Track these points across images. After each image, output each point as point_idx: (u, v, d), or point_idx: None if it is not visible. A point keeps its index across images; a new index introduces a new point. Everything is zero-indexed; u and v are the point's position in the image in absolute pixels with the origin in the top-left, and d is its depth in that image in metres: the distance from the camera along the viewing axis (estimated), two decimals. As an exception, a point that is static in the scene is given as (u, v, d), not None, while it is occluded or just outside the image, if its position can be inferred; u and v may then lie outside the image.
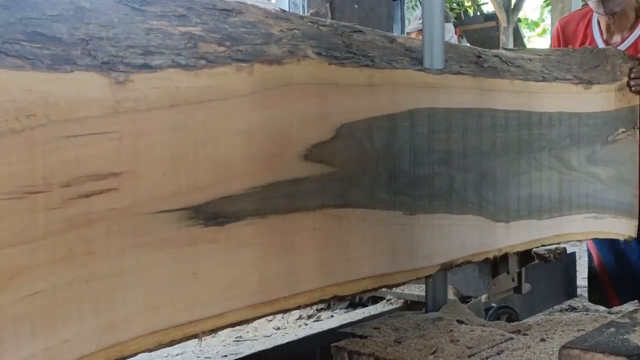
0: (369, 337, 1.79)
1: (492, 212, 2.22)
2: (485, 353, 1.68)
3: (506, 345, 1.74)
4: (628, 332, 1.35)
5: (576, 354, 1.27)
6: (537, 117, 2.41)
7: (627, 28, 3.17)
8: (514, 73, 2.35)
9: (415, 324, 1.91)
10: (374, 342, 1.76)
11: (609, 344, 1.29)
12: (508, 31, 16.57)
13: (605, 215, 2.82)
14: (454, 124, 2.06)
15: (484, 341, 1.76)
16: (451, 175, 2.06)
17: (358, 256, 1.77)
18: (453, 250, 2.08)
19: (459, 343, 1.74)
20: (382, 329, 1.86)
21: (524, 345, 1.73)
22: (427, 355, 1.67)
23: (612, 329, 1.37)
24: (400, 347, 1.72)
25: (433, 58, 2.05)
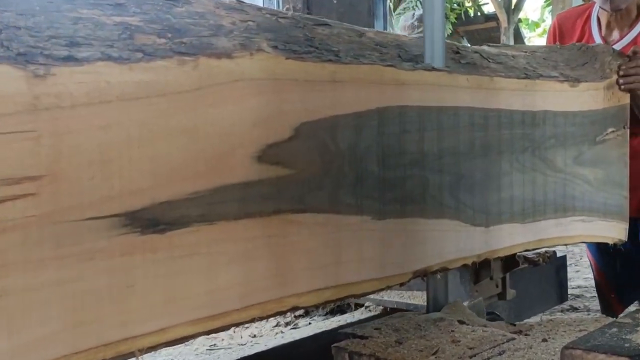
0: (369, 337, 1.74)
1: (470, 216, 2.08)
2: (487, 353, 1.65)
3: (508, 345, 1.69)
4: (630, 333, 1.33)
5: (578, 354, 1.24)
6: (519, 116, 2.27)
7: (627, 25, 3.05)
8: (494, 70, 2.22)
9: (417, 325, 1.87)
10: (375, 343, 1.72)
11: (612, 344, 1.26)
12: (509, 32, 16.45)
13: (593, 218, 2.68)
14: (428, 123, 1.92)
15: (485, 342, 1.72)
16: (425, 177, 1.92)
17: (320, 264, 1.63)
18: (428, 256, 1.94)
19: (460, 343, 1.71)
20: (383, 330, 1.81)
21: (525, 345, 1.70)
22: (428, 355, 1.64)
23: (614, 329, 1.35)
24: (401, 347, 1.68)
25: (434, 57, 1.99)
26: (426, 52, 2.02)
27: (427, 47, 2.02)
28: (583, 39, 3.13)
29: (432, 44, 2.03)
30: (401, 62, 1.86)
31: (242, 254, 1.45)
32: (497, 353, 1.64)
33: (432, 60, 2.00)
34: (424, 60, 2.00)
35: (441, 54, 2.02)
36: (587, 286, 4.81)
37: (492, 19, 17.63)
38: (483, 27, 17.85)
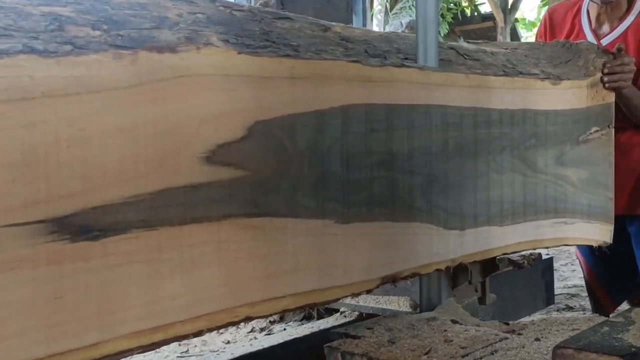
0: (362, 337, 1.72)
1: (443, 219, 1.98)
2: (479, 353, 1.62)
3: (500, 345, 1.67)
4: (622, 332, 1.32)
5: (570, 353, 1.23)
6: (497, 114, 2.17)
7: (617, 18, 2.94)
8: (470, 66, 2.11)
9: (409, 324, 1.84)
10: (367, 343, 1.69)
11: (603, 343, 1.26)
12: (505, 31, 16.33)
13: (576, 220, 2.57)
14: (397, 122, 1.82)
15: (477, 341, 1.69)
16: (394, 179, 1.81)
17: (277, 272, 1.52)
18: (397, 261, 1.83)
19: (453, 343, 1.68)
20: (376, 329, 1.78)
21: (518, 345, 1.67)
22: (420, 355, 1.61)
23: (606, 328, 1.34)
24: (393, 347, 1.65)
25: (427, 57, 1.96)
26: (419, 52, 1.97)
27: (419, 47, 1.97)
28: (573, 33, 3.03)
29: (424, 44, 1.98)
30: (368, 58, 1.76)
31: (188, 262, 1.35)
32: (489, 352, 1.61)
33: (425, 59, 1.96)
34: (417, 61, 1.95)
35: (434, 54, 1.98)
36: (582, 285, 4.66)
37: (489, 18, 17.51)
38: (480, 26, 17.73)
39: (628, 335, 1.30)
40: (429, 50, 1.97)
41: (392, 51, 1.88)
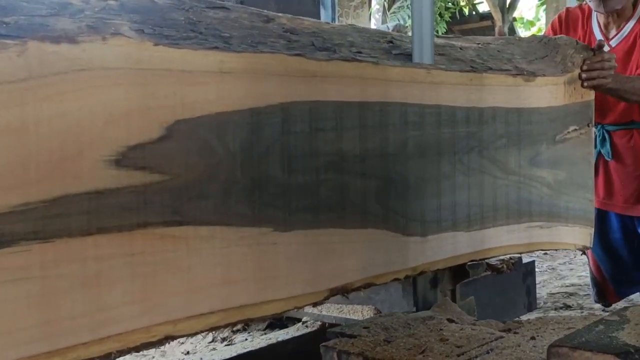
0: (358, 336, 1.68)
1: (402, 225, 1.81)
2: (475, 352, 1.60)
3: (496, 343, 1.64)
4: (617, 330, 1.31)
5: (564, 352, 1.22)
6: (463, 113, 2.00)
7: (624, 20, 2.85)
8: (434, 62, 1.94)
9: (405, 323, 1.79)
10: (363, 342, 1.65)
11: (598, 341, 1.25)
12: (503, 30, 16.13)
13: (553, 223, 2.40)
14: (347, 121, 1.65)
15: (473, 340, 1.66)
16: (344, 182, 1.65)
17: (204, 285, 1.36)
18: (348, 271, 1.67)
19: (448, 342, 1.65)
20: (372, 328, 1.74)
21: (513, 343, 1.65)
22: (416, 354, 1.59)
23: (601, 327, 1.33)
24: (389, 346, 1.62)
25: (422, 55, 1.88)
26: (414, 49, 1.89)
27: (415, 44, 1.89)
28: (585, 37, 2.93)
29: (420, 41, 1.89)
30: (314, 52, 1.59)
31: (92, 277, 1.18)
32: (485, 351, 1.58)
33: (420, 57, 1.88)
34: (413, 59, 1.87)
35: (430, 51, 1.90)
36: (580, 284, 4.58)
37: (487, 17, 17.30)
38: (478, 26, 17.51)
39: (623, 334, 1.29)
40: (425, 48, 1.89)
41: (344, 44, 1.72)
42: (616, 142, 2.91)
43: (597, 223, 3.07)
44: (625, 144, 2.90)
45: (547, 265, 5.32)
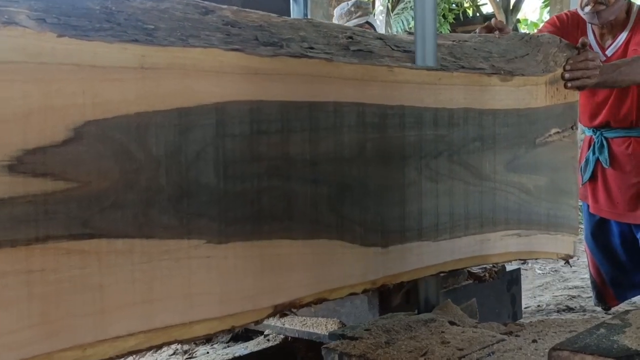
0: (359, 338, 1.67)
1: (359, 235, 1.65)
2: (476, 355, 1.58)
3: (497, 346, 1.62)
4: (618, 334, 1.30)
5: (565, 355, 1.22)
6: (430, 114, 1.84)
7: (619, 30, 2.72)
8: (398, 59, 1.78)
9: (407, 325, 1.77)
10: (365, 344, 1.64)
11: (599, 345, 1.24)
12: (507, 33, 15.93)
13: (532, 232, 2.24)
14: (295, 123, 1.49)
15: (475, 342, 1.64)
16: (291, 189, 1.49)
17: (120, 304, 1.21)
18: (296, 286, 1.51)
19: (450, 345, 1.63)
20: (373, 331, 1.72)
21: (515, 346, 1.63)
22: (417, 357, 1.58)
23: (602, 330, 1.33)
24: (390, 348, 1.61)
25: (425, 57, 1.82)
26: (417, 50, 1.83)
27: (418, 45, 1.83)
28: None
29: (423, 42, 1.83)
30: (258, 47, 1.44)
31: (-22, 298, 1.03)
32: (486, 354, 1.57)
33: (423, 59, 1.81)
34: (415, 61, 1.80)
35: (432, 53, 1.84)
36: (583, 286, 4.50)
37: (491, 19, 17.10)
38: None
39: (624, 337, 1.28)
40: (427, 49, 1.83)
41: (295, 39, 1.56)
42: (614, 149, 2.79)
43: (597, 228, 2.92)
44: (623, 151, 2.77)
45: (550, 267, 5.20)
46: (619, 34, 2.73)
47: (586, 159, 2.85)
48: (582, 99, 2.80)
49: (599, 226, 2.93)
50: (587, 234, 3.03)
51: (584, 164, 2.86)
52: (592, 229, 2.96)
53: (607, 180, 2.81)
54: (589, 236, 3.00)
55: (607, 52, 2.75)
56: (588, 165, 2.84)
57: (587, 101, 2.80)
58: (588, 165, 2.84)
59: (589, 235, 3.00)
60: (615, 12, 2.66)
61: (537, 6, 21.81)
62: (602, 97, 2.75)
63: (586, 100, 2.80)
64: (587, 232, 3.02)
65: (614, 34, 2.74)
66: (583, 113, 2.85)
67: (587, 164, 2.84)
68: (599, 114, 2.78)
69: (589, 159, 2.84)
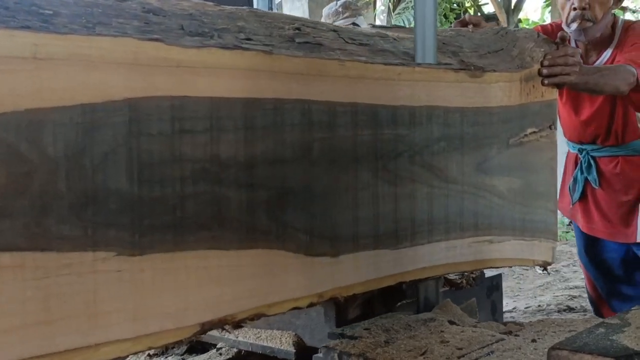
0: (359, 337, 1.64)
1: (304, 244, 1.49)
2: (475, 354, 1.56)
3: (497, 346, 1.61)
4: (617, 333, 1.29)
5: (564, 355, 1.21)
6: (388, 112, 1.68)
7: (605, 46, 2.53)
8: (351, 53, 1.62)
9: (407, 325, 1.74)
10: (364, 343, 1.61)
11: (598, 344, 1.24)
12: (509, 33, 15.74)
13: (506, 237, 2.07)
14: (227, 121, 1.33)
15: (474, 342, 1.63)
16: (222, 194, 1.33)
17: (7, 327, 1.05)
18: (226, 301, 1.35)
19: (449, 344, 1.61)
20: (373, 330, 1.69)
21: (514, 346, 1.61)
22: (416, 356, 1.56)
23: (601, 330, 1.32)
24: (390, 347, 1.59)
25: (425, 56, 1.78)
26: (417, 50, 1.78)
27: (418, 45, 1.78)
28: None
29: (423, 41, 1.78)
30: (182, 37, 1.28)
31: None
32: (485, 353, 1.55)
33: (423, 57, 1.77)
34: (415, 60, 1.75)
35: (432, 52, 1.79)
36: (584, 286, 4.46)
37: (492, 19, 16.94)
38: (483, 27, 17.17)
39: (623, 337, 1.27)
40: (427, 48, 1.78)
41: (231, 30, 1.40)
42: (602, 168, 2.61)
43: (589, 245, 2.76)
44: (611, 171, 2.60)
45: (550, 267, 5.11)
46: (604, 50, 2.54)
47: (574, 178, 2.66)
48: (565, 116, 2.65)
49: (592, 243, 2.74)
50: (580, 250, 2.86)
51: (572, 183, 2.68)
52: (585, 246, 2.78)
53: (597, 199, 2.65)
54: (582, 252, 2.82)
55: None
56: (577, 185, 2.67)
57: (570, 120, 2.64)
58: (577, 185, 2.67)
59: (582, 252, 2.83)
60: (601, 29, 2.48)
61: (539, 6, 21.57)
62: (586, 116, 2.58)
63: (569, 118, 2.63)
64: (580, 248, 2.85)
65: (598, 50, 2.55)
66: (567, 131, 2.69)
67: (576, 184, 2.67)
68: (584, 133, 2.61)
69: (577, 179, 2.66)
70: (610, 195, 2.61)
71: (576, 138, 2.66)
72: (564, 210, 2.81)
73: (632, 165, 2.59)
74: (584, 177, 2.64)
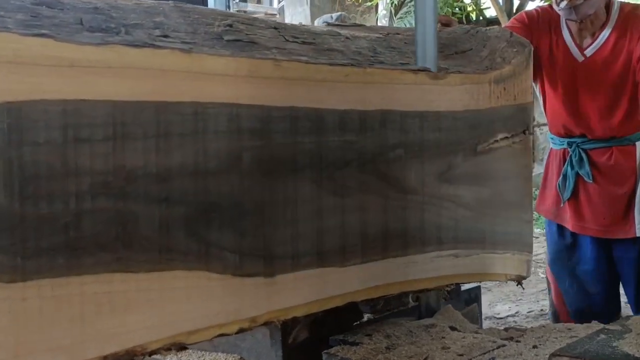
0: (360, 343, 1.62)
1: (232, 264, 1.32)
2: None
3: (498, 352, 1.59)
4: (618, 339, 1.30)
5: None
6: (334, 117, 1.50)
7: (598, 27, 2.37)
8: (290, 52, 1.44)
9: (408, 331, 1.72)
10: (365, 349, 1.60)
11: (598, 351, 1.23)
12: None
13: (474, 251, 1.89)
14: (134, 128, 1.16)
15: (475, 348, 1.61)
16: (128, 211, 1.16)
17: None
18: (135, 330, 1.18)
19: (450, 350, 1.60)
20: (374, 336, 1.67)
21: (515, 352, 1.59)
22: None
23: (602, 336, 1.32)
24: (391, 354, 1.58)
25: (426, 60, 1.73)
26: (418, 54, 1.74)
27: (418, 49, 1.74)
28: (555, 43, 2.45)
29: (423, 45, 1.73)
30: (79, 32, 1.11)
31: None
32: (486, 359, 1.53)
33: (423, 60, 1.72)
34: (416, 62, 1.70)
35: (433, 55, 1.74)
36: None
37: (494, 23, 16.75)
38: (485, 31, 16.97)
39: (624, 344, 1.27)
40: (428, 52, 1.73)
41: (144, 25, 1.23)
42: (596, 161, 2.43)
43: (567, 251, 2.56)
44: (605, 163, 2.42)
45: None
46: (600, 32, 2.37)
47: (564, 175, 2.46)
48: (557, 109, 2.46)
49: (570, 249, 2.54)
50: (552, 258, 2.62)
51: (561, 180, 2.48)
52: (561, 252, 2.57)
53: (590, 195, 2.45)
54: (556, 261, 2.60)
55: (587, 52, 2.41)
56: (567, 181, 2.47)
57: (565, 112, 2.45)
58: (567, 182, 2.47)
59: (555, 260, 2.60)
60: (594, 5, 2.31)
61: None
62: (586, 108, 2.40)
63: (563, 111, 2.45)
64: (553, 256, 2.61)
65: (593, 32, 2.39)
66: (557, 124, 2.50)
67: (566, 180, 2.47)
68: (579, 124, 2.43)
69: (567, 175, 2.46)
70: (605, 189, 2.43)
71: (566, 131, 2.47)
72: (547, 213, 2.60)
73: (626, 154, 2.41)
74: (575, 173, 2.45)
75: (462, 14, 17.08)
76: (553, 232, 2.57)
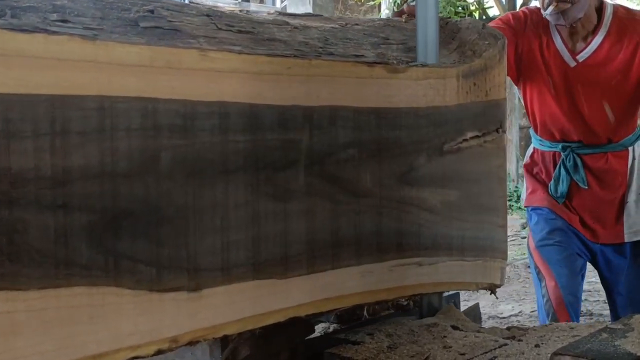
0: (361, 343, 1.58)
1: (148, 277, 1.15)
2: (478, 359, 1.51)
3: (500, 351, 1.56)
4: (620, 338, 1.27)
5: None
6: (274, 113, 1.33)
7: (590, 31, 2.23)
8: (221, 41, 1.27)
9: (410, 330, 1.67)
10: (367, 349, 1.56)
11: (600, 350, 1.21)
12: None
13: (439, 258, 1.72)
14: (22, 124, 1.00)
15: (477, 347, 1.58)
16: (15, 218, 0.99)
17: None
18: (24, 356, 1.01)
19: (452, 349, 1.57)
20: (376, 335, 1.62)
21: (517, 351, 1.55)
22: None
23: (605, 335, 1.29)
24: (392, 353, 1.55)
25: (427, 53, 1.67)
26: (419, 52, 1.67)
27: (419, 46, 1.67)
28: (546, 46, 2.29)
29: (425, 43, 1.67)
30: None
31: None
32: (488, 359, 1.51)
33: (425, 56, 1.66)
34: (416, 58, 1.63)
35: (434, 53, 1.68)
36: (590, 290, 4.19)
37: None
38: (487, 31, 16.76)
39: (626, 342, 1.25)
40: (429, 50, 1.67)
41: (39, 9, 1.06)
42: (591, 166, 2.30)
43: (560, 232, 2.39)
44: (600, 168, 2.30)
45: None
46: (593, 37, 2.23)
47: (559, 179, 2.32)
48: (552, 112, 2.31)
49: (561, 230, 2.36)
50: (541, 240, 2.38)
51: (553, 184, 2.33)
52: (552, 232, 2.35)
53: (584, 200, 2.32)
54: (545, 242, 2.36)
55: (579, 57, 2.26)
56: (561, 185, 2.32)
57: (556, 114, 2.30)
58: (561, 186, 2.32)
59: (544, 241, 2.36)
60: (583, 8, 2.16)
61: (544, 10, 21.08)
62: (579, 112, 2.26)
63: (560, 115, 2.30)
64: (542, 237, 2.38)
65: (585, 36, 2.24)
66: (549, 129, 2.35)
67: (559, 185, 2.32)
68: (573, 130, 2.29)
69: (562, 179, 2.32)
70: (599, 194, 2.32)
71: (562, 136, 2.32)
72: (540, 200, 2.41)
73: (620, 159, 2.30)
74: (569, 178, 2.30)
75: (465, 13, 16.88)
76: (544, 214, 2.38)
